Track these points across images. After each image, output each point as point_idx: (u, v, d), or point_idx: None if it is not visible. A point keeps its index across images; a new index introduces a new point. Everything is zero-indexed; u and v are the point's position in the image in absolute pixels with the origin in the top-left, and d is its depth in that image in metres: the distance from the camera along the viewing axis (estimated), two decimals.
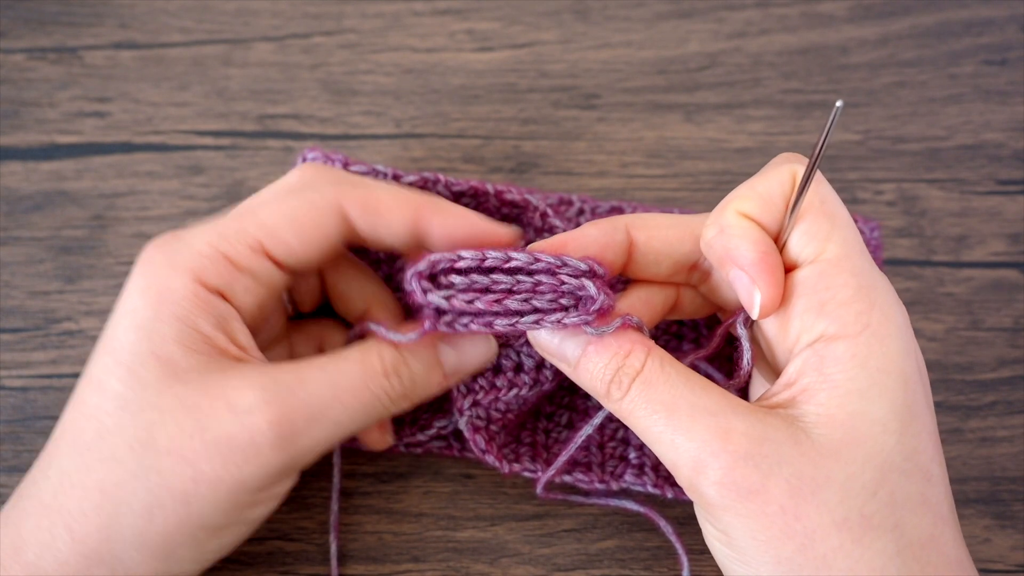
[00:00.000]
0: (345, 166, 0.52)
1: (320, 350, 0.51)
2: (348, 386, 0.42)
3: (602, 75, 0.67)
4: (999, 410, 0.56)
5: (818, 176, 0.41)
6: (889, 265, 0.60)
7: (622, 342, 0.41)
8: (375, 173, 0.52)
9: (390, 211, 0.44)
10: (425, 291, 0.42)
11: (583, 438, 0.47)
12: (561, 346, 0.43)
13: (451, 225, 0.45)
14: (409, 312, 0.51)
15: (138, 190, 0.62)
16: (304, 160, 0.54)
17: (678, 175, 0.63)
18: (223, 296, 0.42)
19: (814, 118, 0.65)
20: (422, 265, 0.42)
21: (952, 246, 0.61)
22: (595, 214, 0.58)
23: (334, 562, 0.51)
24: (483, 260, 0.43)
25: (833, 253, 0.40)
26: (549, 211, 0.50)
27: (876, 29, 0.68)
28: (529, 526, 0.53)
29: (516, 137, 0.64)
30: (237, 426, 0.40)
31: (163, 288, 0.41)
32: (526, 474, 0.50)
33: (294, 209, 0.43)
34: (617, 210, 0.58)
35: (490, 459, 0.49)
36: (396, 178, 0.52)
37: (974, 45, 0.67)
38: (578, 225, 0.57)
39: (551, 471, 0.49)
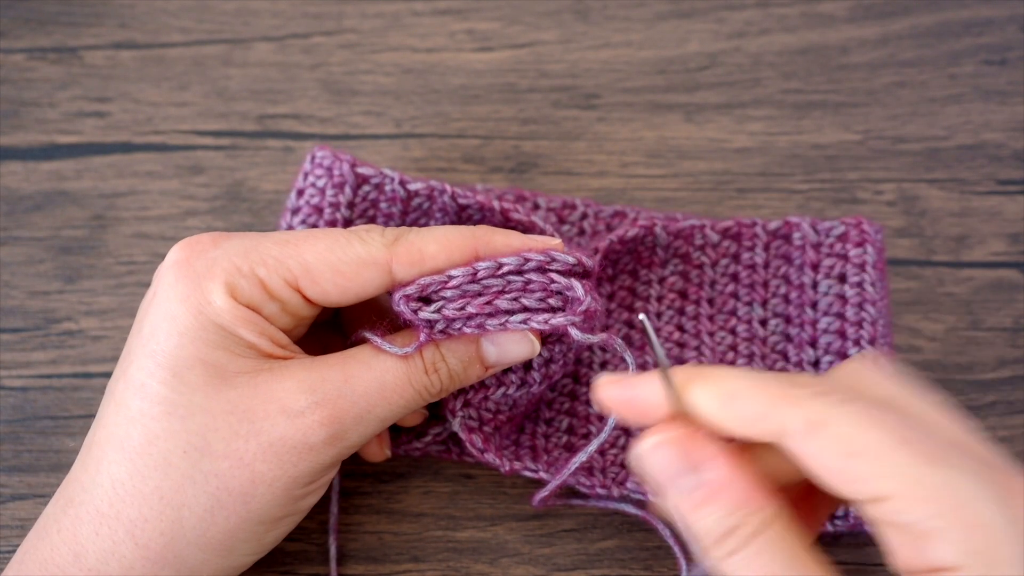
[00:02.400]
0: (353, 167, 0.52)
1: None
2: (392, 383, 0.44)
3: (602, 75, 0.67)
4: (999, 410, 0.56)
5: (819, 395, 0.36)
6: (889, 265, 0.60)
7: (745, 496, 0.36)
8: (382, 176, 0.52)
9: (436, 262, 0.44)
10: (415, 311, 0.43)
11: (579, 463, 0.47)
12: (672, 481, 0.37)
13: (500, 253, 0.45)
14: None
15: (138, 190, 0.62)
16: (313, 159, 0.54)
17: (678, 175, 0.63)
18: (254, 310, 0.43)
19: (814, 118, 0.65)
20: (411, 289, 0.43)
21: (952, 246, 0.61)
22: (598, 218, 0.58)
23: (333, 563, 0.51)
24: (475, 274, 0.43)
25: (895, 489, 0.35)
26: (556, 235, 0.50)
27: (876, 29, 0.68)
28: (529, 526, 0.53)
29: (516, 137, 0.64)
30: (291, 428, 0.41)
31: (203, 299, 0.42)
32: (527, 473, 0.50)
33: (339, 260, 0.43)
34: (620, 215, 0.58)
35: (489, 457, 0.49)
36: (403, 183, 0.52)
37: (974, 45, 0.67)
38: (582, 231, 0.57)
39: (547, 489, 0.49)
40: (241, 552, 0.43)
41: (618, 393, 0.40)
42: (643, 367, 0.54)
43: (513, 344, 0.46)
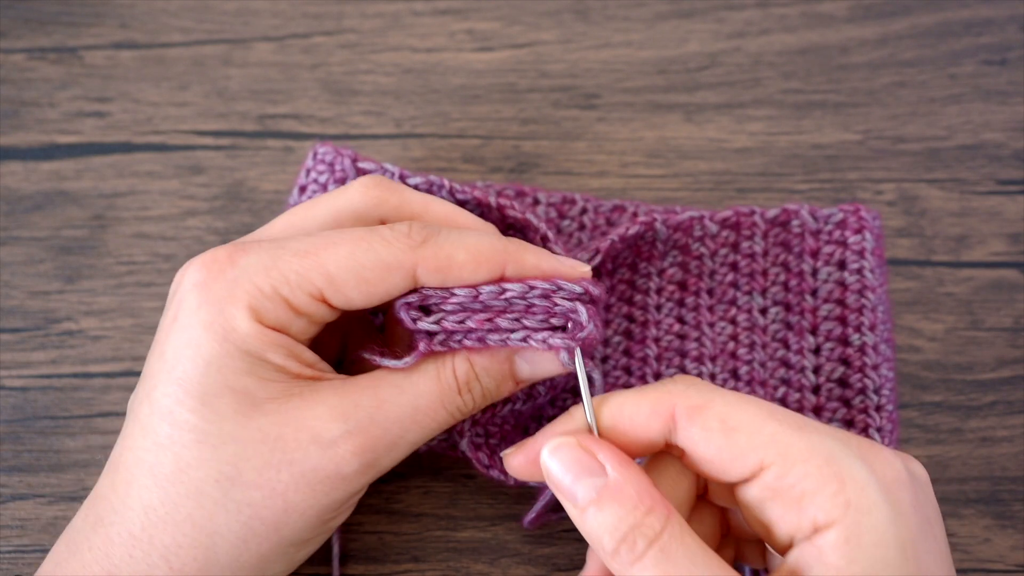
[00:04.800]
0: (354, 162, 0.52)
1: (342, 341, 0.51)
2: (426, 407, 0.43)
3: (602, 75, 0.67)
4: (999, 410, 0.56)
5: (695, 385, 0.40)
6: (889, 265, 0.60)
7: (643, 495, 0.38)
8: (383, 171, 0.52)
9: (463, 272, 0.43)
10: (415, 320, 0.43)
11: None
12: (573, 485, 0.39)
13: (528, 273, 0.44)
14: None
15: (138, 190, 0.62)
16: (315, 155, 0.54)
17: (678, 175, 0.63)
18: (281, 331, 0.42)
19: (814, 118, 0.65)
20: (412, 298, 0.43)
21: (952, 246, 0.61)
22: (598, 213, 0.58)
23: (335, 562, 0.51)
24: (477, 296, 0.43)
25: (771, 456, 0.38)
26: (550, 234, 0.50)
27: (876, 29, 0.68)
28: (537, 528, 0.53)
29: (516, 137, 0.64)
30: (324, 459, 0.41)
31: (227, 326, 0.41)
32: (532, 483, 0.50)
33: (362, 267, 0.42)
34: (619, 209, 0.58)
35: (495, 474, 0.48)
36: (403, 178, 0.52)
37: (974, 45, 0.67)
38: (582, 226, 0.57)
39: (533, 512, 0.49)
40: (274, 571, 0.43)
41: (522, 458, 0.42)
42: (644, 359, 0.54)
43: (546, 360, 0.45)
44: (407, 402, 0.42)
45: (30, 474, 0.54)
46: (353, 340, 0.50)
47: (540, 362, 0.45)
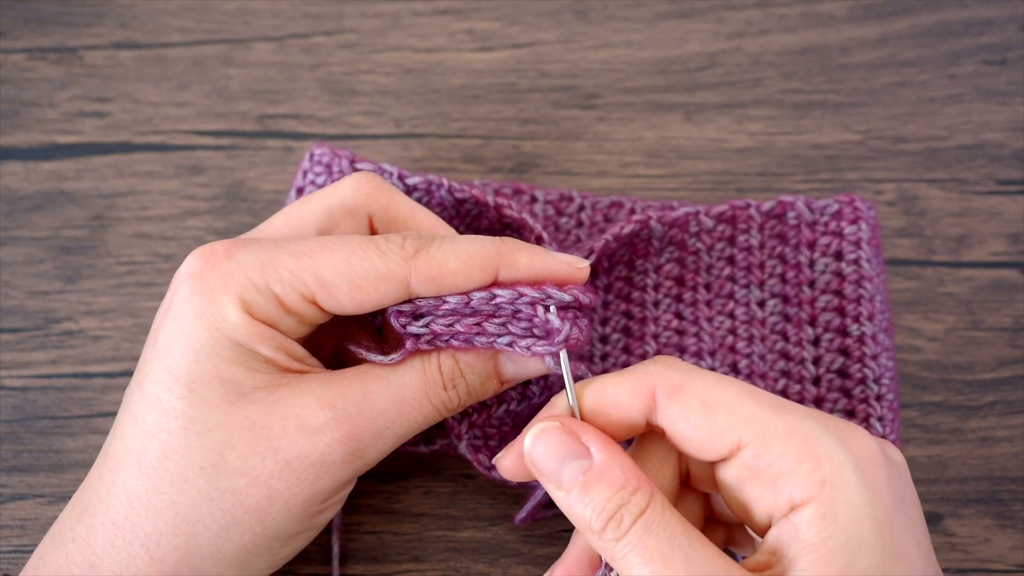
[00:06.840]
0: (351, 163, 0.52)
1: (341, 339, 0.51)
2: (411, 399, 0.43)
3: (602, 75, 0.67)
4: (999, 410, 0.56)
5: (674, 365, 0.41)
6: (889, 265, 0.60)
7: (628, 475, 0.39)
8: (380, 171, 0.52)
9: (455, 280, 0.43)
10: (404, 326, 0.43)
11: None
12: (558, 468, 0.39)
13: (521, 275, 0.44)
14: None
15: (138, 190, 0.62)
16: (312, 156, 0.54)
17: (678, 175, 0.63)
18: (271, 326, 0.42)
19: (814, 118, 0.65)
20: (406, 307, 0.43)
21: (952, 246, 0.61)
22: (595, 210, 0.58)
23: (335, 562, 0.51)
24: (468, 303, 0.43)
25: (749, 435, 0.38)
26: (545, 235, 0.50)
27: (876, 29, 0.68)
28: (529, 526, 0.53)
29: (516, 137, 0.64)
30: (309, 446, 0.41)
31: (218, 315, 0.41)
32: (534, 483, 0.50)
33: (356, 274, 0.42)
34: (617, 205, 0.58)
35: (496, 475, 0.48)
36: (401, 178, 0.52)
37: (974, 45, 0.67)
38: (579, 223, 0.57)
39: (524, 511, 0.49)
40: (256, 566, 0.43)
41: (511, 458, 0.42)
42: (644, 356, 0.54)
43: (530, 361, 0.45)
44: (393, 394, 0.43)
45: (30, 474, 0.54)
46: (350, 341, 0.50)
47: (524, 362, 0.45)
